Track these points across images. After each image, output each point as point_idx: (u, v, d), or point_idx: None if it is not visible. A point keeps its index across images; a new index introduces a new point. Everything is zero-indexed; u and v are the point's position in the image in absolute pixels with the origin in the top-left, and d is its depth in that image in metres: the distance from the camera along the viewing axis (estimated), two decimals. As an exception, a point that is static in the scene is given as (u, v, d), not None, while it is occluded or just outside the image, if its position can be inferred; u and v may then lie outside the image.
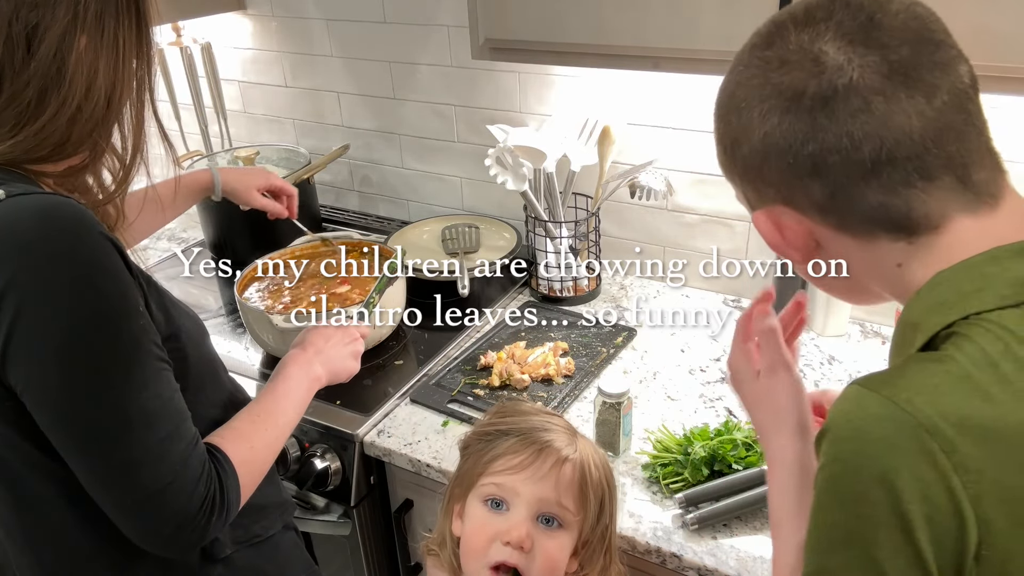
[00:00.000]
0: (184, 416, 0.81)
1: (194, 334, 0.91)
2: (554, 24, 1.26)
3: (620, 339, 1.51)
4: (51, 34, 0.75)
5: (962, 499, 0.49)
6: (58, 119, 0.77)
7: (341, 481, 1.33)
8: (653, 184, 1.52)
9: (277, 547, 1.02)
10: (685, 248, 1.67)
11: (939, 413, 0.51)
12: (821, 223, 0.64)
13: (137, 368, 0.76)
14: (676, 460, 1.15)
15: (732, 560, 1.03)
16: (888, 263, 0.63)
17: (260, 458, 0.91)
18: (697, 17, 1.14)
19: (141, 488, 0.76)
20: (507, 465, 0.92)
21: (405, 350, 1.54)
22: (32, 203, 0.74)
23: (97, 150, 0.82)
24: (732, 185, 0.73)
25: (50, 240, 0.72)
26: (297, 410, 0.99)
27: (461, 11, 1.56)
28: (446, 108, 1.84)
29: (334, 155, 1.97)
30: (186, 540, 0.80)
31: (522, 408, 1.01)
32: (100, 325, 0.74)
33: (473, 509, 0.94)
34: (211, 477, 0.81)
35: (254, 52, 2.05)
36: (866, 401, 0.53)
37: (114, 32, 0.79)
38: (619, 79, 1.58)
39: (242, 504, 0.86)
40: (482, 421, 1.02)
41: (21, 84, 0.75)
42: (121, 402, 0.75)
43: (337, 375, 1.09)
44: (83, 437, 0.75)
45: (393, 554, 1.44)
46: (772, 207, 0.66)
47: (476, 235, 1.79)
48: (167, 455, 0.77)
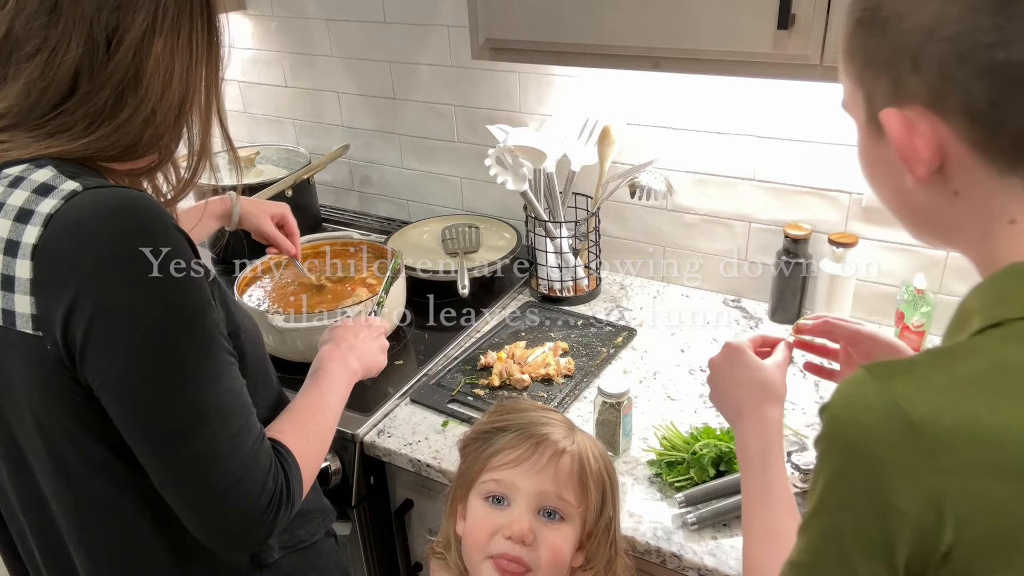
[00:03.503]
0: (251, 411, 0.81)
1: (252, 333, 0.91)
2: (554, 24, 1.26)
3: (620, 339, 1.51)
4: (130, 36, 0.75)
5: (942, 501, 0.49)
6: (133, 121, 0.77)
7: (341, 481, 1.33)
8: (653, 184, 1.52)
9: (320, 553, 1.02)
10: (685, 248, 1.67)
11: (934, 414, 0.50)
12: (962, 136, 0.56)
13: (211, 361, 0.76)
14: (682, 459, 1.15)
15: (732, 560, 1.03)
16: (1002, 213, 0.57)
17: (316, 452, 0.91)
18: (697, 17, 1.14)
19: (213, 483, 0.76)
20: (505, 460, 0.92)
21: (405, 350, 1.54)
22: (109, 196, 0.74)
23: (166, 152, 0.83)
24: (850, 77, 0.63)
25: (128, 234, 0.72)
26: (341, 404, 1.00)
27: (461, 11, 1.56)
28: (446, 108, 1.84)
29: (334, 155, 1.97)
30: (255, 536, 0.79)
31: (519, 405, 1.02)
32: (178, 319, 0.74)
33: (474, 506, 0.94)
34: (278, 472, 0.81)
35: (254, 52, 2.05)
36: (866, 388, 0.53)
37: (189, 35, 0.79)
38: (619, 79, 1.58)
39: (303, 498, 0.86)
40: (480, 420, 1.02)
41: (99, 84, 0.75)
42: (197, 396, 0.75)
43: (370, 369, 1.11)
44: (159, 431, 0.75)
45: (393, 554, 1.44)
46: (908, 107, 0.57)
47: (476, 235, 1.79)
48: (238, 450, 0.77)
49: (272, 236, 1.41)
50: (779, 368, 0.89)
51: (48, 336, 0.73)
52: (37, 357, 0.74)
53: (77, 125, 0.76)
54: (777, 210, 1.54)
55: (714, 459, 1.14)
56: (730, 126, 1.51)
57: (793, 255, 1.50)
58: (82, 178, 0.75)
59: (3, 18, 0.75)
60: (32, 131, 0.76)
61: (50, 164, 0.76)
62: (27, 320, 0.73)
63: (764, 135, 1.49)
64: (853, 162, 1.58)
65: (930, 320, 1.40)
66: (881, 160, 0.62)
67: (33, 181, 0.74)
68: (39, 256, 0.72)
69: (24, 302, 0.73)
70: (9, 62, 0.76)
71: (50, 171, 0.75)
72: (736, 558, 1.03)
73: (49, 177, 0.74)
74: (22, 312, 0.73)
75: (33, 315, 0.73)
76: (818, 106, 1.42)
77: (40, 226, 0.72)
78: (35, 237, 0.72)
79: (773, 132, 1.48)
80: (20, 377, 0.76)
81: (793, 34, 1.09)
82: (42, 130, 0.76)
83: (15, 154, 0.76)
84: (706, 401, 1.34)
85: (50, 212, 0.72)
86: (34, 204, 0.73)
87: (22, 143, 0.76)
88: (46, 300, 0.72)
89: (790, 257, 1.50)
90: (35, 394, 0.76)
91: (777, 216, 1.54)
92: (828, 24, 1.06)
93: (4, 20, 0.75)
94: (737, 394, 0.89)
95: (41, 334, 0.73)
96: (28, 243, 0.72)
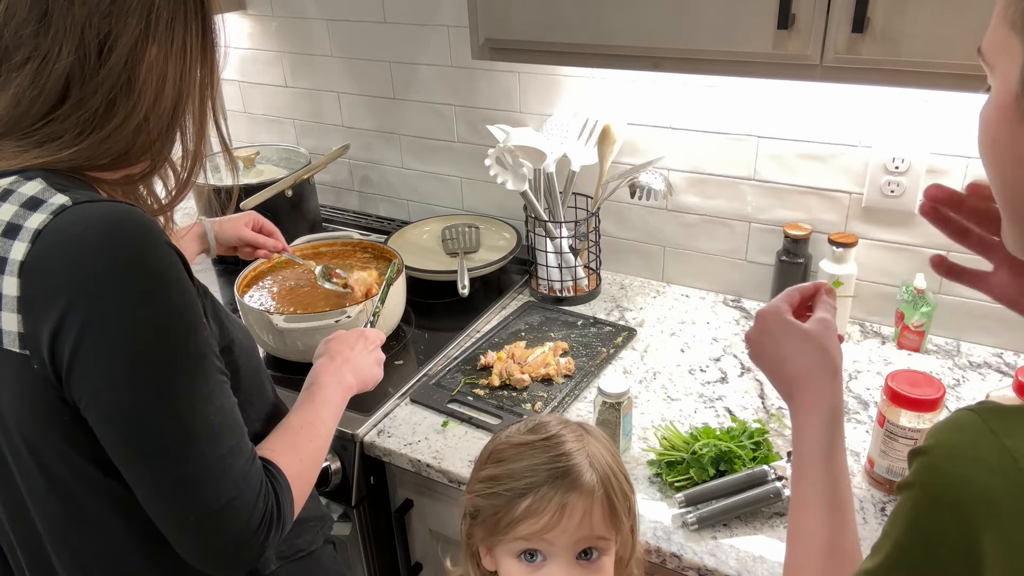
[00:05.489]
0: (243, 430, 0.79)
1: (246, 346, 0.90)
2: (554, 24, 1.26)
3: (620, 339, 1.51)
4: (122, 43, 0.73)
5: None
6: (124, 128, 0.76)
7: (341, 481, 1.33)
8: (653, 184, 1.52)
9: (318, 561, 1.01)
10: (685, 248, 1.67)
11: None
12: None
13: (202, 380, 0.74)
14: (682, 459, 1.15)
15: (732, 560, 1.03)
16: None
17: (308, 470, 0.90)
18: (697, 17, 1.14)
19: (203, 505, 0.74)
20: (532, 529, 0.81)
21: (405, 350, 1.54)
22: (100, 211, 0.72)
23: (159, 159, 0.81)
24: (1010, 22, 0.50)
25: (119, 250, 0.70)
26: (335, 420, 0.99)
27: (461, 11, 1.56)
28: (446, 108, 1.84)
29: (334, 155, 1.97)
30: (244, 558, 0.78)
31: (516, 442, 0.86)
32: (168, 338, 0.72)
33: (507, 565, 0.85)
34: (268, 493, 0.79)
35: (254, 52, 2.05)
36: (980, 441, 0.45)
37: (183, 40, 0.78)
38: (619, 79, 1.58)
39: (294, 518, 0.85)
40: (482, 475, 0.87)
41: (90, 91, 0.74)
42: (187, 415, 0.73)
43: (365, 383, 1.10)
44: (148, 451, 0.73)
45: (393, 554, 1.44)
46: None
47: (476, 235, 1.79)
48: (229, 471, 0.75)
49: (256, 240, 1.40)
50: (826, 330, 0.76)
51: (35, 355, 0.71)
52: (25, 376, 0.72)
53: (67, 134, 0.74)
54: (777, 210, 1.54)
55: (714, 459, 1.14)
56: (730, 126, 1.51)
57: (793, 255, 1.50)
58: (72, 191, 0.73)
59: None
60: (20, 140, 0.74)
61: (39, 176, 0.74)
62: (14, 338, 0.72)
63: (764, 135, 1.49)
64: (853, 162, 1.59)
65: (930, 320, 1.40)
66: (1022, 144, 0.50)
67: (22, 195, 0.72)
68: (26, 273, 0.70)
69: (11, 320, 0.71)
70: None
71: (39, 184, 0.73)
72: (736, 558, 1.03)
73: (38, 190, 0.73)
74: (9, 330, 0.72)
75: (20, 333, 0.71)
76: (818, 106, 1.42)
77: (28, 242, 0.70)
78: (23, 254, 0.70)
79: (773, 132, 1.48)
80: (8, 395, 0.75)
81: (793, 34, 1.09)
82: (31, 139, 0.74)
83: (2, 165, 0.74)
84: (706, 401, 1.34)
85: (38, 228, 0.70)
86: (22, 219, 0.71)
87: (10, 153, 0.74)
88: (33, 318, 0.70)
89: (790, 257, 1.50)
90: (23, 412, 0.75)
91: (777, 216, 1.54)
92: (828, 24, 1.06)
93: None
94: (784, 374, 0.77)
95: (28, 353, 0.71)
96: (16, 260, 0.70)
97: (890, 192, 1.41)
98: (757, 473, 1.11)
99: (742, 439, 1.17)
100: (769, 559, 1.03)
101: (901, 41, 1.03)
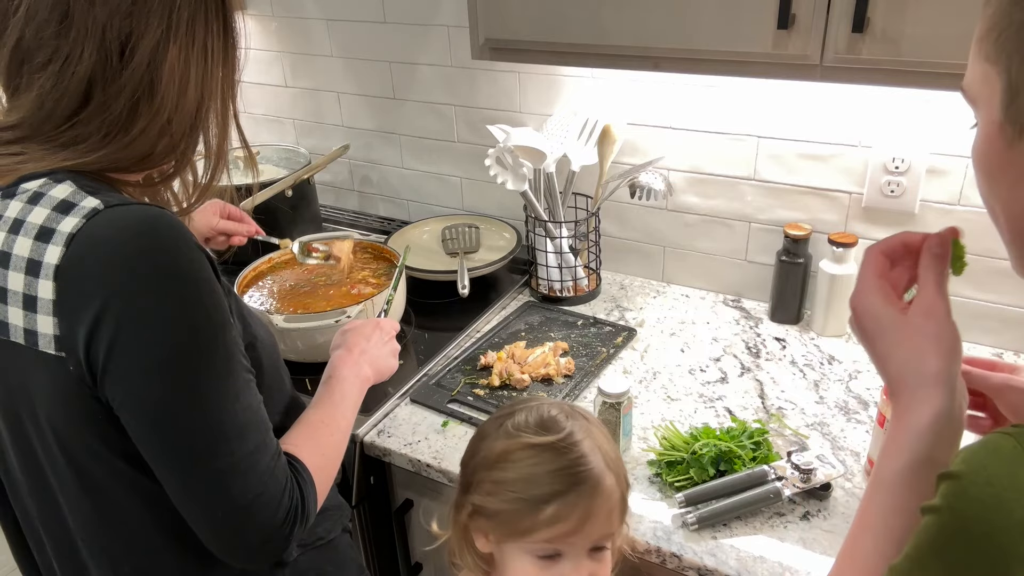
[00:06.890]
0: (268, 427, 0.80)
1: (268, 343, 0.91)
2: (554, 24, 1.26)
3: (620, 339, 1.51)
4: (144, 44, 0.74)
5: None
6: (149, 131, 0.76)
7: (341, 481, 1.33)
8: (653, 184, 1.52)
9: (337, 549, 1.03)
10: (685, 248, 1.67)
11: None
12: None
13: (231, 379, 0.76)
14: (682, 459, 1.15)
15: (732, 560, 1.03)
16: None
17: (330, 464, 0.92)
18: (697, 17, 1.14)
19: (231, 500, 0.75)
20: (556, 534, 0.81)
21: (405, 350, 1.54)
22: (132, 214, 0.73)
23: (183, 160, 0.82)
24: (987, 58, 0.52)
25: (151, 253, 0.72)
26: (354, 412, 1.00)
27: (461, 11, 1.56)
28: (446, 108, 1.84)
29: (334, 155, 1.97)
30: (271, 552, 0.80)
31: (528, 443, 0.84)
32: (200, 338, 0.74)
33: (521, 561, 0.85)
34: (294, 488, 0.81)
35: (254, 52, 2.05)
36: (1018, 470, 0.43)
37: (204, 41, 0.78)
38: (619, 79, 1.58)
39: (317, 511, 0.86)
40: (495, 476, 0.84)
41: (113, 93, 0.74)
42: (216, 413, 0.75)
43: (382, 374, 1.11)
44: (178, 449, 0.74)
45: (393, 554, 1.44)
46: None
47: (476, 235, 1.79)
48: (256, 467, 0.77)
49: (227, 227, 1.40)
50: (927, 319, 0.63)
51: (71, 356, 0.72)
52: (59, 377, 0.73)
53: (92, 136, 0.75)
54: (777, 210, 1.54)
55: (714, 459, 1.14)
56: (730, 126, 1.51)
57: (793, 255, 1.50)
58: (102, 194, 0.74)
59: (14, 27, 0.73)
60: (46, 142, 0.75)
61: (68, 179, 0.75)
62: (49, 340, 0.73)
63: (764, 135, 1.49)
64: (853, 162, 1.59)
65: (930, 320, 1.40)
66: (1015, 167, 0.50)
67: (53, 198, 0.73)
68: (61, 277, 0.71)
69: (47, 323, 0.72)
70: (21, 72, 0.74)
71: (69, 186, 0.74)
72: (736, 558, 1.03)
73: (68, 193, 0.73)
74: (44, 332, 0.73)
75: (56, 336, 0.72)
76: (818, 106, 1.42)
77: (62, 246, 0.71)
78: (57, 257, 0.71)
79: (773, 132, 1.48)
80: (42, 396, 0.76)
81: (793, 34, 1.09)
82: (56, 142, 0.75)
83: (31, 167, 0.75)
84: (706, 401, 1.34)
85: (72, 232, 0.71)
86: (55, 223, 0.72)
87: (37, 155, 0.75)
88: (69, 321, 0.72)
89: (790, 257, 1.50)
90: (57, 412, 0.76)
91: (777, 216, 1.54)
92: (828, 24, 1.06)
93: (15, 29, 0.73)
94: (886, 373, 0.66)
95: (64, 355, 0.73)
96: (50, 263, 0.71)
97: (890, 192, 1.41)
98: (757, 473, 1.11)
99: (742, 439, 1.17)
100: (769, 559, 1.03)
101: (901, 41, 1.03)
